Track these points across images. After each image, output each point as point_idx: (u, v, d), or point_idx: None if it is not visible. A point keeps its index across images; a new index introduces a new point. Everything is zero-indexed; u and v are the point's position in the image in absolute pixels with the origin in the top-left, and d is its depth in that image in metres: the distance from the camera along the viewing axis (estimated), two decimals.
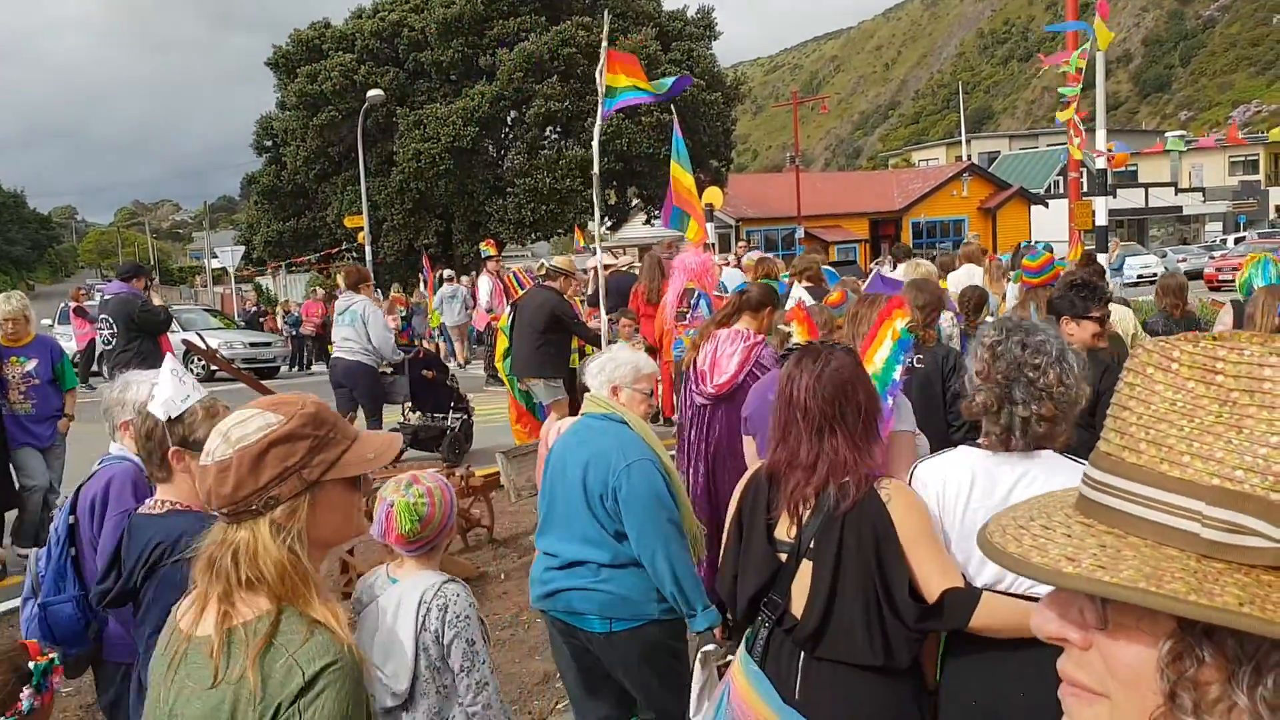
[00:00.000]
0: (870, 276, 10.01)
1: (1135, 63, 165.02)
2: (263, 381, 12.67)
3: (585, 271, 12.67)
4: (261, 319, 31.44)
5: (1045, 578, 0.96)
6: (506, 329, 11.09)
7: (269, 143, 39.00)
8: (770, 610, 2.91)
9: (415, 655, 3.04)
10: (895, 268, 11.97)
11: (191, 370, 23.53)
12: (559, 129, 36.27)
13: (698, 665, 3.50)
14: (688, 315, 9.94)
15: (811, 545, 2.86)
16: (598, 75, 8.18)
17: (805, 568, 2.86)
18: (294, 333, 28.30)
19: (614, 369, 4.12)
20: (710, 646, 3.54)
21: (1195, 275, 31.93)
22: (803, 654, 2.83)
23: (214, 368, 21.97)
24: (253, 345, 25.08)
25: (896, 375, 4.02)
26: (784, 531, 2.94)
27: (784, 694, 2.83)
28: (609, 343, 11.33)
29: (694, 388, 5.82)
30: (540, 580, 4.06)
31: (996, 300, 9.64)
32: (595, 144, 8.51)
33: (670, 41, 36.53)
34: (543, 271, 11.38)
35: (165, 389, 3.08)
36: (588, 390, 4.21)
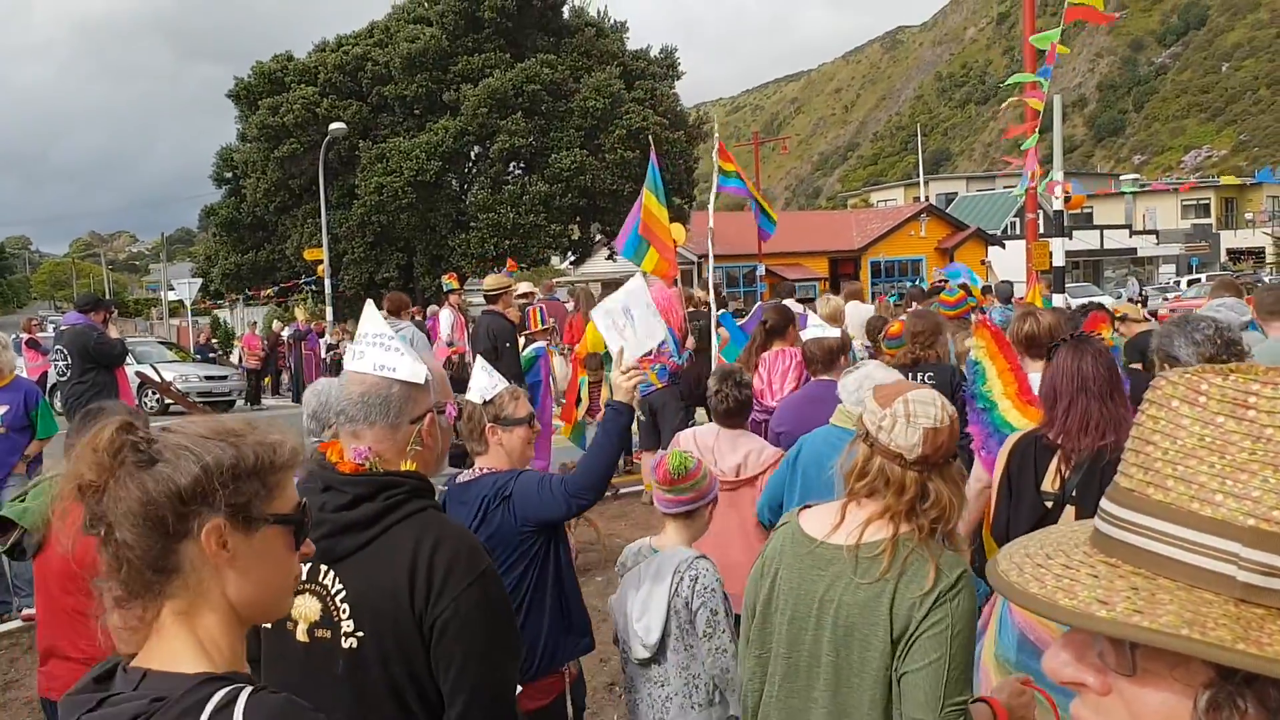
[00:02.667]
0: (753, 310, 11.10)
1: (1090, 107, 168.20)
2: (218, 416, 12.59)
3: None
4: (212, 354, 31.05)
5: (1077, 622, 0.92)
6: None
7: (229, 174, 38.78)
8: None
9: (667, 616, 3.57)
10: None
11: (146, 403, 23.15)
12: (523, 164, 36.37)
13: None
14: (653, 350, 9.93)
15: (1074, 494, 3.54)
16: (713, 154, 9.57)
17: (1069, 512, 3.52)
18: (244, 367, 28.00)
19: (871, 387, 4.34)
20: None
21: (1150, 316, 32.33)
22: None
23: (168, 401, 21.65)
24: (208, 379, 24.78)
25: None
26: (1049, 484, 3.64)
27: None
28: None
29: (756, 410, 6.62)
30: None
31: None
32: (710, 208, 9.14)
33: (634, 81, 36.80)
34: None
35: (479, 380, 3.87)
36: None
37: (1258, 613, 0.87)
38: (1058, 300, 14.06)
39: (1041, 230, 18.76)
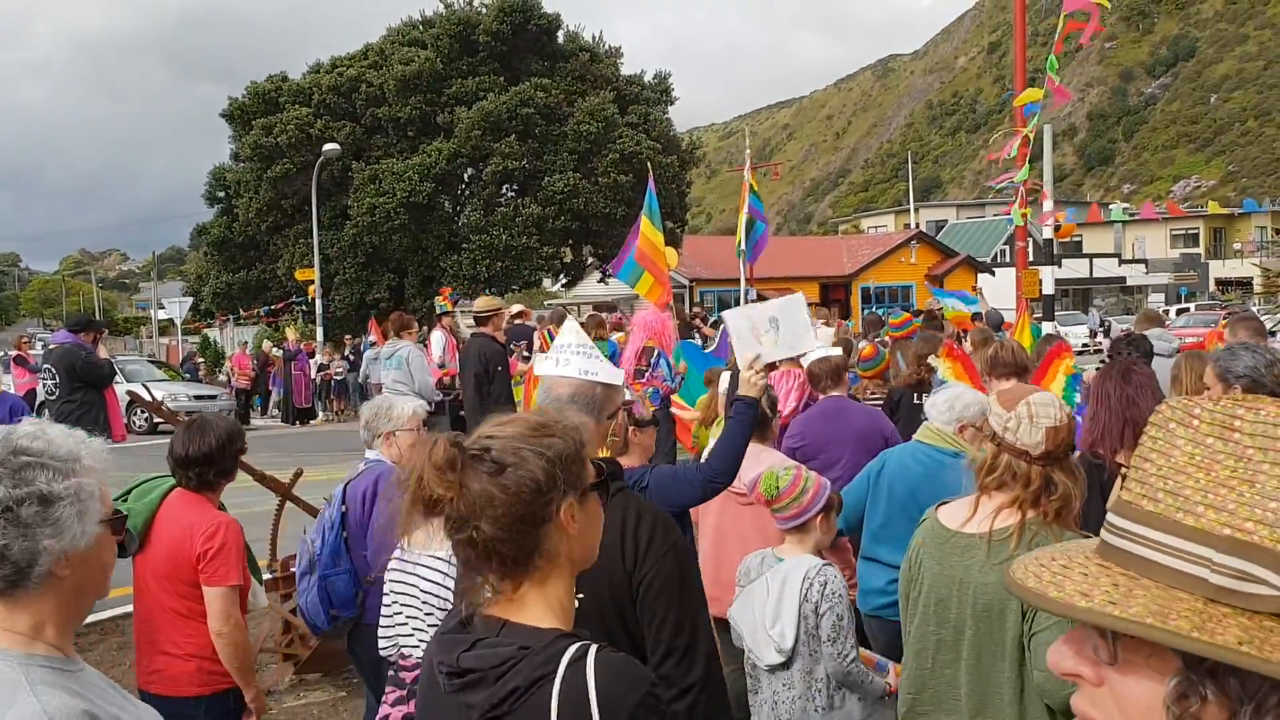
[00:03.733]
0: (719, 334, 11.54)
1: (1080, 136, 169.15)
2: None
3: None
4: (199, 373, 30.97)
5: (1059, 610, 1.03)
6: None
7: (221, 194, 38.75)
8: None
9: (798, 620, 3.74)
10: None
11: (135, 421, 22.93)
12: (515, 187, 36.44)
13: None
14: (646, 373, 9.92)
15: None
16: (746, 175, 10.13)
17: None
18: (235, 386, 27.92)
19: (963, 408, 4.61)
20: None
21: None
22: None
23: (158, 420, 21.55)
24: (197, 398, 24.71)
25: (1077, 400, 5.55)
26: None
27: None
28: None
29: None
30: (882, 590, 4.68)
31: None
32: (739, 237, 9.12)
33: (627, 105, 36.95)
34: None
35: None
36: None
37: (1222, 610, 0.97)
38: (1047, 328, 14.09)
39: (1031, 258, 18.83)
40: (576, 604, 2.53)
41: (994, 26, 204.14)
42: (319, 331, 30.69)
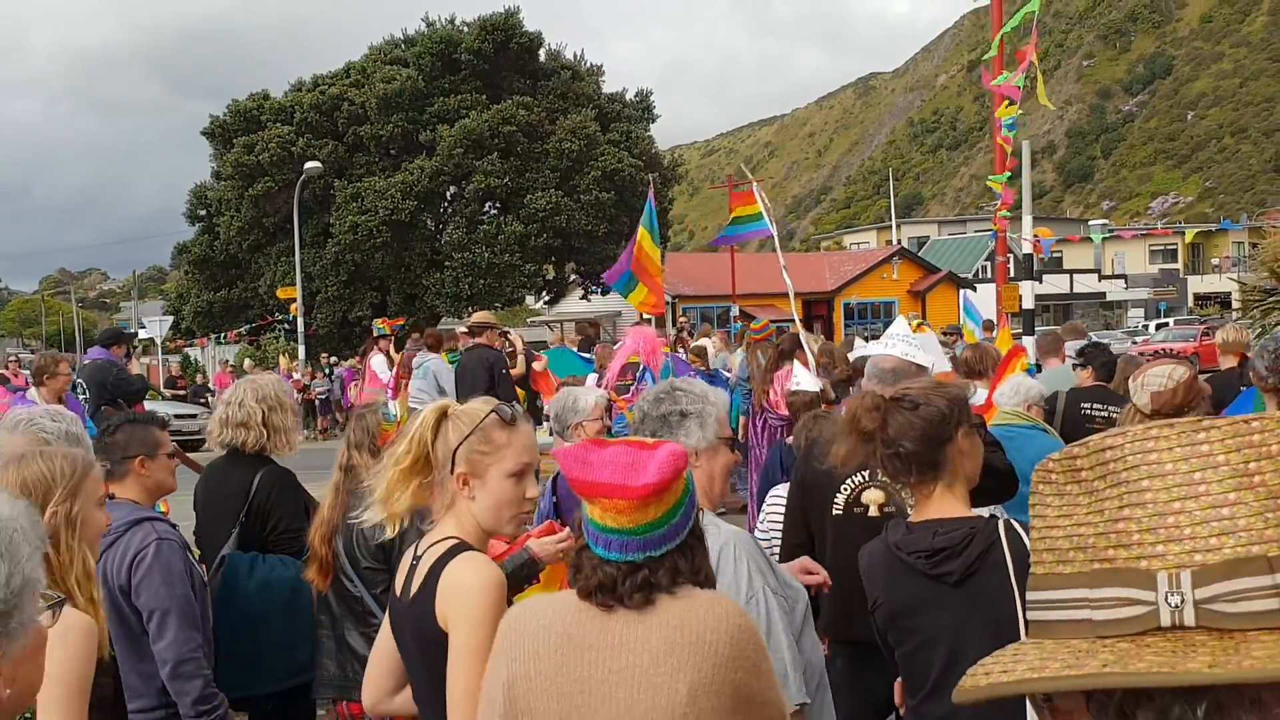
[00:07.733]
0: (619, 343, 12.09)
1: (1059, 154, 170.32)
2: (189, 455, 12.62)
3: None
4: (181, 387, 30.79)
5: (992, 693, 0.92)
6: None
7: (203, 212, 38.63)
8: None
9: None
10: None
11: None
12: (498, 205, 36.45)
13: None
14: (631, 388, 9.92)
15: None
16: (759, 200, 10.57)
17: None
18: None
19: (1026, 390, 5.48)
20: None
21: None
22: None
23: None
24: (176, 417, 24.54)
25: None
26: None
27: None
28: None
29: (770, 416, 8.62)
30: None
31: (728, 357, 13.62)
32: (777, 246, 9.40)
33: (609, 123, 37.04)
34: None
35: (805, 377, 5.72)
36: None
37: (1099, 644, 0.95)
38: (1028, 342, 14.14)
39: (1012, 274, 18.91)
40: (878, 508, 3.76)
41: (974, 45, 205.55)
42: (300, 350, 30.58)
